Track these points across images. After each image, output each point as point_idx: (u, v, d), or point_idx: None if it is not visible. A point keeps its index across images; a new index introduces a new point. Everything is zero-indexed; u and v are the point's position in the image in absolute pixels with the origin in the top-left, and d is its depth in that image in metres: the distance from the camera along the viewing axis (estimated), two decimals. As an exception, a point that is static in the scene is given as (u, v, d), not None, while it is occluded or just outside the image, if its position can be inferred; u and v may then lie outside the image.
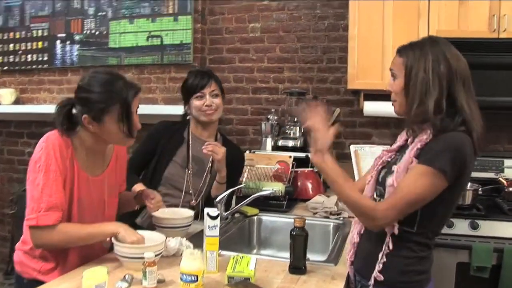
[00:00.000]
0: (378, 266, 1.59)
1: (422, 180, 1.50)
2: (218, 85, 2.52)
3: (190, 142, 2.51)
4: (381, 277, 1.58)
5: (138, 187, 2.26)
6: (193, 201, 2.48)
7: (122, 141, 1.84)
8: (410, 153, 1.58)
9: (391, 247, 1.58)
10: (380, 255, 1.60)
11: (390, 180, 1.58)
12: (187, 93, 2.50)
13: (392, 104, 1.69)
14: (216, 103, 2.47)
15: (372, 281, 1.60)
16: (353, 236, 1.75)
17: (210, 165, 2.51)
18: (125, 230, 1.75)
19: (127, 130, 1.78)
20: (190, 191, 2.48)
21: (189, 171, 2.48)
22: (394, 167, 1.60)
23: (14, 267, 1.90)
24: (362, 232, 1.72)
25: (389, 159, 1.73)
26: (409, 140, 1.68)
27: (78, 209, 1.79)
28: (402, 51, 1.65)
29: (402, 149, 1.70)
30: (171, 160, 2.47)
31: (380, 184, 1.70)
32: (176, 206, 2.40)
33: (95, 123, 1.75)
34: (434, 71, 1.55)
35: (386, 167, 1.71)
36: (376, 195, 1.72)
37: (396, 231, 1.56)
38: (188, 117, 2.56)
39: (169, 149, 2.49)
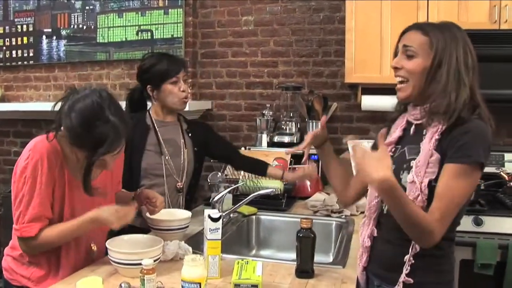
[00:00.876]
0: (406, 269, 1.49)
1: (465, 180, 1.42)
2: (186, 71, 2.52)
3: (156, 128, 2.46)
4: (410, 281, 1.49)
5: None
6: (179, 183, 2.44)
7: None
8: (428, 145, 1.48)
9: (418, 248, 1.48)
10: (406, 257, 1.49)
11: (410, 176, 1.48)
12: (159, 76, 2.41)
13: (399, 86, 1.57)
14: (188, 89, 2.48)
15: (400, 286, 1.50)
16: (364, 239, 1.64)
17: (183, 140, 2.49)
18: (108, 216, 1.66)
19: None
20: (174, 175, 2.43)
21: (166, 157, 2.42)
22: (412, 163, 1.50)
23: (2, 273, 1.80)
24: (375, 234, 1.62)
25: (391, 153, 1.62)
26: (411, 130, 1.59)
27: (71, 216, 1.70)
28: (426, 29, 1.53)
29: (401, 140, 1.62)
30: (144, 150, 2.41)
31: None
32: (162, 193, 2.33)
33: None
34: (464, 61, 1.48)
35: (393, 163, 1.60)
36: None
37: None
38: (149, 102, 2.53)
39: (138, 140, 2.42)
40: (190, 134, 2.53)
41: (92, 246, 1.78)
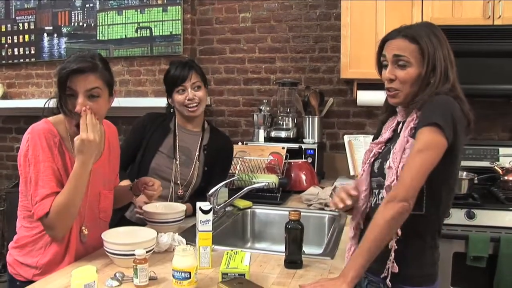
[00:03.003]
0: (391, 255, 1.50)
1: (421, 143, 1.44)
2: (200, 76, 2.44)
3: (176, 132, 2.47)
4: (396, 268, 1.50)
5: (125, 183, 2.23)
6: (180, 190, 2.43)
7: (70, 123, 1.73)
8: (404, 133, 1.53)
9: (399, 233, 1.48)
10: (390, 245, 1.49)
11: (387, 163, 1.54)
12: (169, 86, 2.44)
13: (392, 94, 1.60)
14: (199, 96, 2.40)
15: (386, 273, 1.51)
16: (350, 231, 1.69)
17: (198, 153, 2.47)
18: (84, 138, 1.64)
19: (61, 107, 1.71)
20: (178, 181, 2.43)
21: (177, 162, 2.43)
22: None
23: (6, 267, 1.84)
24: (362, 227, 1.66)
25: (380, 151, 1.67)
26: (399, 128, 1.63)
27: None
28: (412, 36, 1.55)
29: (391, 140, 1.66)
30: (157, 151, 2.43)
31: (376, 175, 1.64)
32: (165, 197, 2.37)
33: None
34: (449, 59, 1.54)
35: (379, 158, 1.66)
36: (374, 188, 1.66)
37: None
38: (172, 110, 2.51)
39: (155, 140, 2.44)
40: (205, 152, 2.49)
41: (83, 229, 1.80)
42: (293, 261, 1.70)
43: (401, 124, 1.63)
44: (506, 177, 2.84)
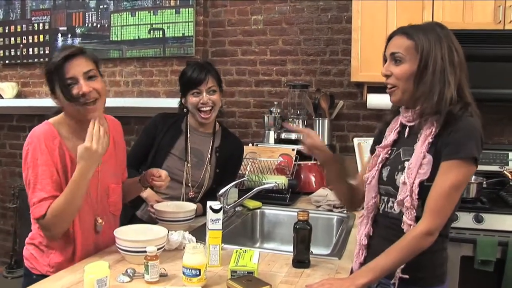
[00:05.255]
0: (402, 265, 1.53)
1: (455, 174, 1.47)
2: (216, 80, 2.45)
3: (188, 134, 2.48)
4: (406, 276, 1.52)
5: None
6: (191, 192, 2.45)
7: (79, 112, 1.75)
8: (421, 148, 1.52)
9: None
10: None
11: (402, 177, 1.54)
12: (184, 87, 2.46)
13: (390, 91, 1.61)
14: (213, 100, 2.41)
15: (395, 280, 1.54)
16: (361, 238, 1.69)
17: (209, 156, 2.49)
18: (87, 147, 1.66)
19: (66, 96, 1.73)
20: (189, 184, 2.45)
21: (188, 164, 2.45)
22: (406, 164, 1.55)
23: (20, 261, 1.88)
24: (371, 233, 1.68)
25: (387, 156, 1.67)
26: (406, 132, 1.63)
27: None
28: (410, 32, 1.56)
29: (396, 143, 1.67)
30: (169, 153, 2.44)
31: (385, 183, 1.64)
32: (177, 198, 2.39)
33: (54, 98, 1.79)
34: (449, 59, 1.52)
35: (388, 165, 1.66)
36: (382, 195, 1.67)
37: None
38: (185, 109, 2.52)
39: (167, 142, 2.46)
40: (217, 154, 2.50)
41: (98, 219, 1.83)
42: (301, 260, 1.73)
43: (407, 129, 1.63)
44: (515, 182, 2.84)
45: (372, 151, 1.79)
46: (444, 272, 1.62)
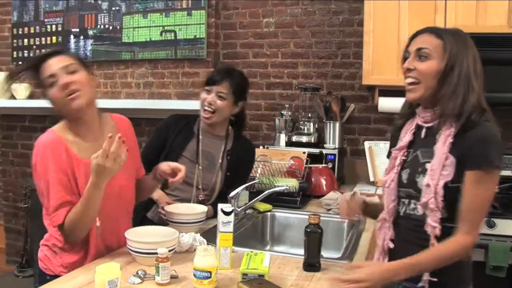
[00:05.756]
0: None
1: (486, 185, 1.49)
2: (232, 88, 2.41)
3: (200, 137, 2.48)
4: (435, 280, 1.53)
5: None
6: (201, 195, 2.44)
7: (66, 105, 1.76)
8: (442, 149, 1.53)
9: None
10: None
11: (425, 179, 1.53)
12: (204, 82, 2.48)
13: (411, 88, 1.60)
14: (217, 105, 2.39)
15: (424, 284, 1.55)
16: (385, 243, 1.68)
17: (220, 161, 2.48)
18: (101, 163, 1.64)
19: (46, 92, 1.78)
20: (200, 186, 2.45)
21: (199, 167, 2.45)
22: (427, 166, 1.55)
23: (31, 261, 1.90)
24: (393, 237, 1.67)
25: (405, 158, 1.67)
26: (423, 133, 1.63)
27: None
28: (439, 32, 1.57)
29: (413, 144, 1.66)
30: (180, 155, 2.44)
31: (406, 185, 1.64)
32: (187, 201, 2.39)
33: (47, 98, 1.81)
34: (474, 67, 1.54)
35: (407, 167, 1.65)
36: (402, 198, 1.66)
37: (438, 233, 1.52)
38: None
39: (178, 144, 2.46)
40: (228, 158, 2.50)
41: (96, 221, 1.80)
42: (312, 264, 1.72)
43: (424, 130, 1.63)
44: (528, 187, 2.81)
45: (389, 155, 1.80)
46: (469, 276, 1.63)
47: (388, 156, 1.81)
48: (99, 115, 1.91)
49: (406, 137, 1.68)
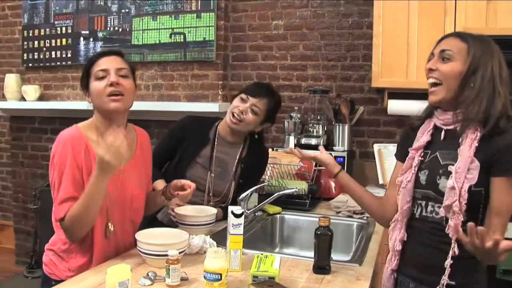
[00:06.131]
0: (447, 272, 1.54)
1: None
2: (268, 108, 2.39)
3: (215, 143, 2.45)
4: (453, 283, 1.54)
5: (160, 183, 2.26)
6: (212, 202, 2.43)
7: (104, 103, 1.80)
8: (467, 152, 1.53)
9: (457, 251, 1.53)
10: (447, 262, 1.54)
11: (450, 182, 1.53)
12: (243, 90, 2.45)
13: (432, 88, 1.61)
14: (247, 119, 2.36)
15: (440, 287, 1.55)
16: (395, 243, 1.68)
17: (234, 169, 2.47)
18: (103, 156, 1.63)
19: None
20: (211, 193, 2.44)
21: (212, 174, 2.43)
22: (450, 168, 1.55)
23: (40, 262, 1.91)
24: (405, 239, 1.67)
25: (422, 158, 1.66)
26: (442, 135, 1.63)
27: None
28: (465, 36, 1.59)
29: (430, 145, 1.66)
30: (193, 161, 2.42)
31: (424, 187, 1.63)
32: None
33: (88, 96, 1.87)
34: (499, 72, 1.55)
35: (425, 168, 1.65)
36: (417, 199, 1.66)
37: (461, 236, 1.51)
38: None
39: (192, 150, 2.43)
40: (242, 165, 2.48)
41: (109, 225, 1.83)
42: (322, 266, 1.72)
43: (443, 132, 1.63)
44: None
45: (399, 155, 1.80)
46: (483, 279, 1.63)
47: (398, 156, 1.81)
48: (126, 124, 1.94)
49: (423, 137, 1.68)
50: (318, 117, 3.51)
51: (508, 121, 1.53)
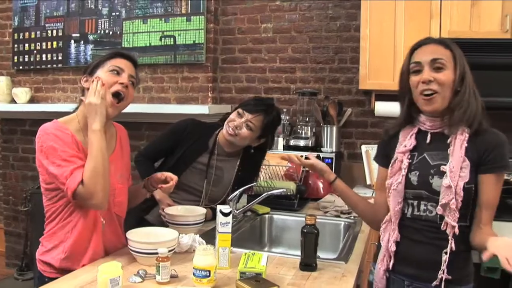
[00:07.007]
0: (444, 267, 1.59)
1: (500, 185, 1.63)
2: (263, 125, 2.38)
3: (215, 151, 2.46)
4: (449, 277, 1.59)
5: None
6: (208, 208, 2.42)
7: (105, 97, 1.83)
8: (459, 152, 1.59)
9: (454, 248, 1.58)
10: (445, 257, 1.59)
11: (446, 181, 1.58)
12: (241, 104, 2.45)
13: (429, 98, 1.61)
14: (242, 133, 2.36)
15: (438, 282, 1.60)
16: (389, 245, 1.70)
17: (233, 180, 2.49)
18: (90, 102, 1.76)
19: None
20: (205, 199, 2.46)
21: (208, 181, 2.45)
22: (442, 168, 1.60)
23: (31, 264, 1.91)
24: (399, 239, 1.69)
25: (410, 161, 1.69)
26: (428, 138, 1.67)
27: None
28: (445, 43, 1.64)
29: (416, 148, 1.69)
30: (190, 167, 2.43)
31: (416, 187, 1.67)
32: None
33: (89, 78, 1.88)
34: (471, 74, 1.63)
35: (415, 169, 1.68)
36: (409, 199, 1.69)
37: (457, 231, 1.58)
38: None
39: (190, 155, 2.44)
40: (239, 173, 2.50)
41: (101, 220, 1.85)
42: (308, 264, 1.76)
43: (429, 135, 1.68)
44: (522, 189, 2.85)
45: (382, 160, 1.84)
46: (473, 272, 1.70)
47: (378, 160, 1.86)
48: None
49: (409, 141, 1.71)
50: (307, 119, 3.56)
51: (486, 120, 1.62)
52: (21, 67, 4.50)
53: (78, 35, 4.25)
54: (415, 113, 1.72)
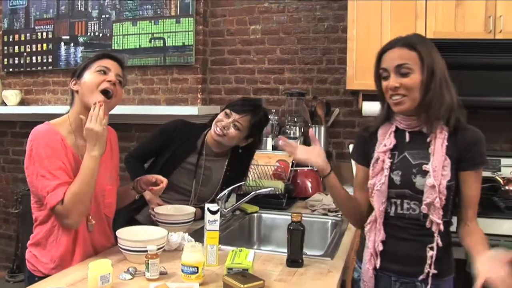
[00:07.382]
0: (431, 261, 1.63)
1: (480, 180, 1.69)
2: (251, 124, 2.43)
3: (203, 151, 2.50)
4: (435, 271, 1.63)
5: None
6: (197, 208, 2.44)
7: (93, 95, 1.86)
8: (440, 151, 1.62)
9: (440, 243, 1.63)
10: (433, 253, 1.63)
11: (430, 180, 1.60)
12: (229, 105, 2.49)
13: (398, 101, 1.63)
14: (230, 133, 2.40)
15: (424, 276, 1.64)
16: (376, 244, 1.71)
17: (222, 179, 2.53)
18: (90, 128, 1.77)
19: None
20: (194, 199, 2.50)
21: (197, 181, 2.48)
22: (424, 167, 1.63)
23: (22, 266, 1.93)
24: (385, 239, 1.71)
25: (392, 160, 1.71)
26: (407, 137, 1.69)
27: None
28: (409, 45, 1.62)
29: (396, 147, 1.71)
30: (179, 167, 2.47)
31: (399, 187, 1.69)
32: None
33: (75, 84, 1.92)
34: (444, 67, 1.65)
35: (397, 169, 1.69)
36: (392, 198, 1.71)
37: (442, 228, 1.62)
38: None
39: (179, 156, 2.47)
40: (228, 173, 2.54)
41: (90, 219, 1.88)
42: (295, 260, 1.80)
43: (408, 133, 1.70)
44: (507, 187, 2.89)
45: (361, 159, 1.85)
46: (454, 264, 1.77)
47: (357, 158, 1.88)
48: None
49: (388, 140, 1.72)
50: (295, 119, 3.59)
51: (464, 116, 1.66)
52: (11, 69, 4.51)
53: (68, 37, 4.26)
54: (392, 112, 1.74)
